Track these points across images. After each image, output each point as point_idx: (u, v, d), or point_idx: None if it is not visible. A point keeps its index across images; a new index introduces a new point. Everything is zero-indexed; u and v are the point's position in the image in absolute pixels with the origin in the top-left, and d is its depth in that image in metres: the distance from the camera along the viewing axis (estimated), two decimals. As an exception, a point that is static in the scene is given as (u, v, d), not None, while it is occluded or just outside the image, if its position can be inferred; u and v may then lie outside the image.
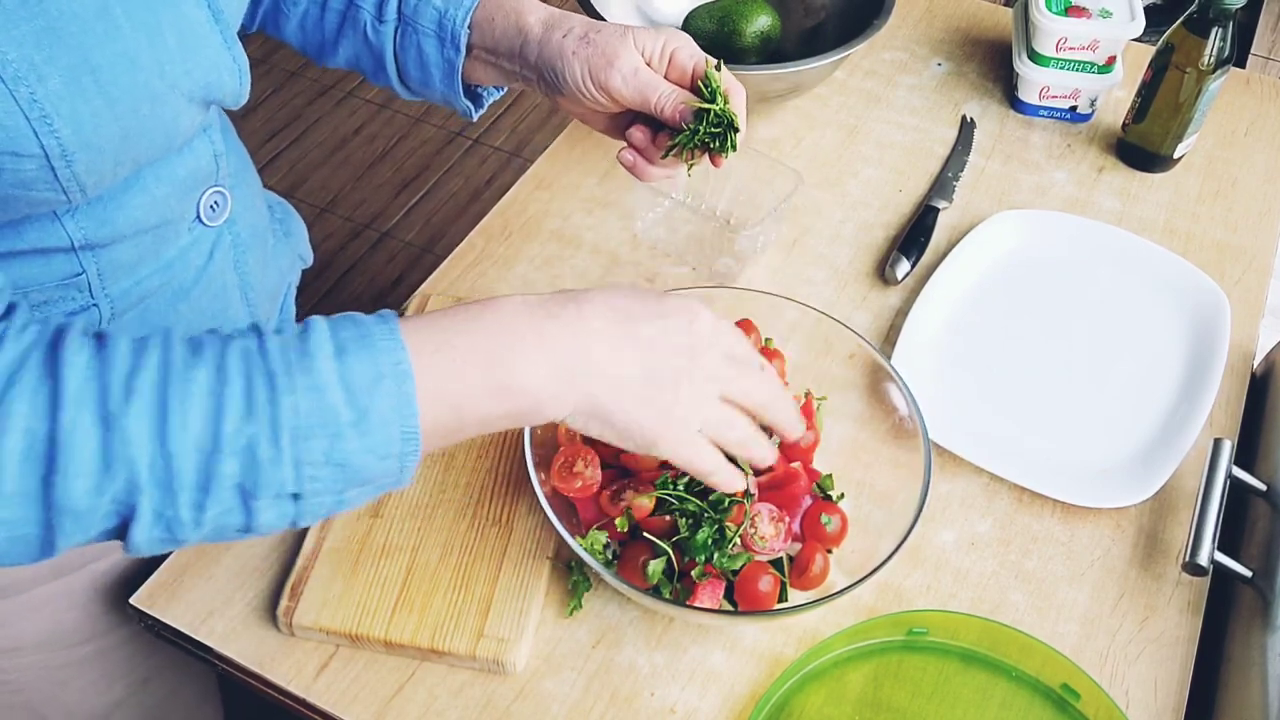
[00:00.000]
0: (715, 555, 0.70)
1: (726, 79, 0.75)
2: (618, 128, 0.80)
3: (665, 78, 0.75)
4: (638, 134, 0.78)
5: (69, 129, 0.53)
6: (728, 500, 0.71)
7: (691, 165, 0.77)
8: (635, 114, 0.78)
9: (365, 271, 2.20)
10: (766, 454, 0.67)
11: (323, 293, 2.16)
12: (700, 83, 0.74)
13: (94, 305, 0.66)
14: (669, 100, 0.74)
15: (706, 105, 0.73)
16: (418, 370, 0.55)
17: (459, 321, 0.58)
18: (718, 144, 0.74)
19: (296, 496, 0.53)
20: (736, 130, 0.74)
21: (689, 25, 1.13)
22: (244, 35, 0.71)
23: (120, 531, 0.52)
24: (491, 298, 0.60)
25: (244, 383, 0.52)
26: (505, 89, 0.84)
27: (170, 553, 0.77)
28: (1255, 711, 0.67)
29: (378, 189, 2.36)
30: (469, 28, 0.77)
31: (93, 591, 0.79)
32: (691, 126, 0.74)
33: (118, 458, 0.50)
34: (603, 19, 1.06)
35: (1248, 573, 0.75)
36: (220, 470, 0.51)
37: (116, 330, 0.54)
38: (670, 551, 0.71)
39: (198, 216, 0.70)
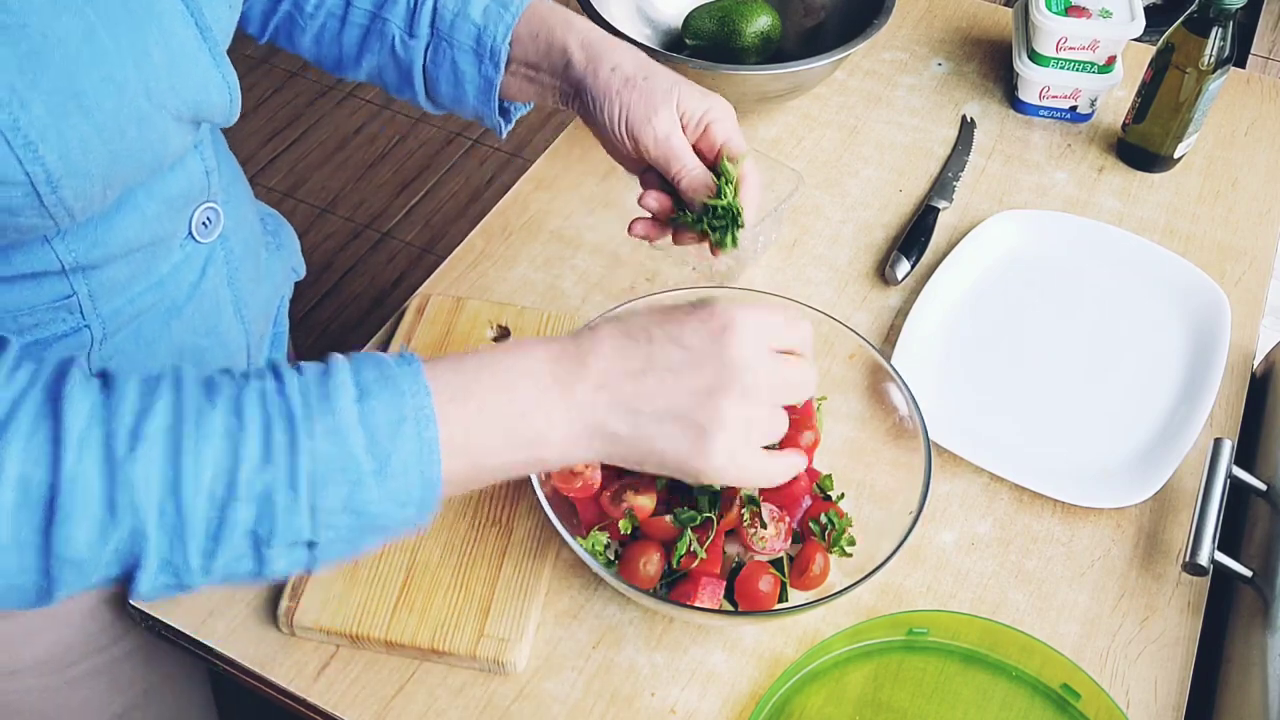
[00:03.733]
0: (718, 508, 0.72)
1: (746, 171, 0.73)
2: (634, 165, 0.78)
3: (695, 145, 0.74)
4: (652, 200, 0.75)
5: (55, 155, 0.51)
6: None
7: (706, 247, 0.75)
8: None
9: (365, 272, 2.20)
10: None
11: (323, 293, 2.16)
12: (716, 169, 0.72)
13: (85, 326, 0.65)
14: (686, 176, 0.72)
15: (714, 201, 0.72)
16: (440, 416, 0.53)
17: (482, 367, 0.55)
18: (718, 236, 0.73)
19: (311, 544, 0.52)
20: (740, 226, 0.72)
21: (689, 25, 1.13)
22: (254, 44, 0.69)
23: (123, 578, 0.50)
24: (515, 342, 0.58)
25: (262, 426, 0.50)
26: (532, 105, 0.83)
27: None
28: (1255, 711, 0.67)
29: (378, 189, 2.37)
30: (509, 43, 0.76)
31: (94, 601, 0.79)
32: (696, 213, 0.73)
33: (123, 505, 0.48)
34: (602, 18, 1.06)
35: (1248, 573, 0.75)
36: (233, 517, 0.49)
37: (122, 370, 0.51)
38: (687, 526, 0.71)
39: (190, 233, 0.69)
